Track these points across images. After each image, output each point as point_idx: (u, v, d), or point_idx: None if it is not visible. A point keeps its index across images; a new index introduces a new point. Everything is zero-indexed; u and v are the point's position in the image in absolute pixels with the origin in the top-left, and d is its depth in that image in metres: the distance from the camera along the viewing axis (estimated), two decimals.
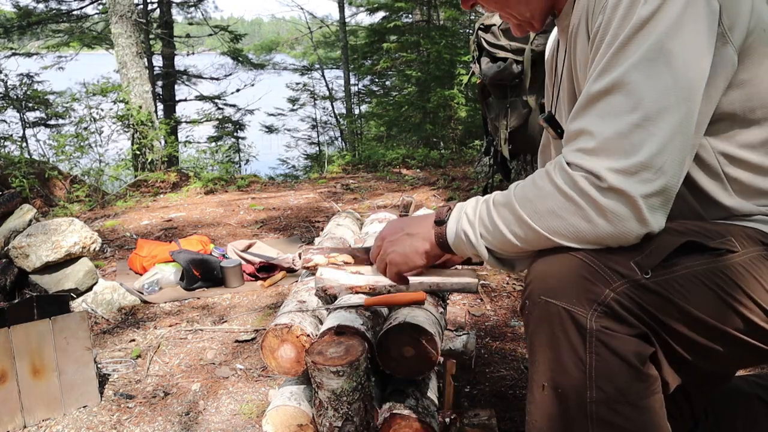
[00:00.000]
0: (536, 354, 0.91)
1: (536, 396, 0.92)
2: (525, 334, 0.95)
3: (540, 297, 0.89)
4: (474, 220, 1.00)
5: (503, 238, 0.95)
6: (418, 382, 1.39)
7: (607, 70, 0.86)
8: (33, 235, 2.47)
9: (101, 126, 6.93)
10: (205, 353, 2.24)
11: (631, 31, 0.84)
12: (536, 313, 0.90)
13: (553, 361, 0.89)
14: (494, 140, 3.58)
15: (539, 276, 0.91)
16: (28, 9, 9.88)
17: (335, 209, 4.41)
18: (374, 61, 10.83)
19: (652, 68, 0.83)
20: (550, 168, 0.91)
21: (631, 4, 0.85)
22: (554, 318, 0.88)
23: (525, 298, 0.93)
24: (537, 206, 0.90)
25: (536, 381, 0.92)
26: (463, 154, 7.63)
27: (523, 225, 0.92)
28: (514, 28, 1.11)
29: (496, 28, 3.28)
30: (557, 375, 0.88)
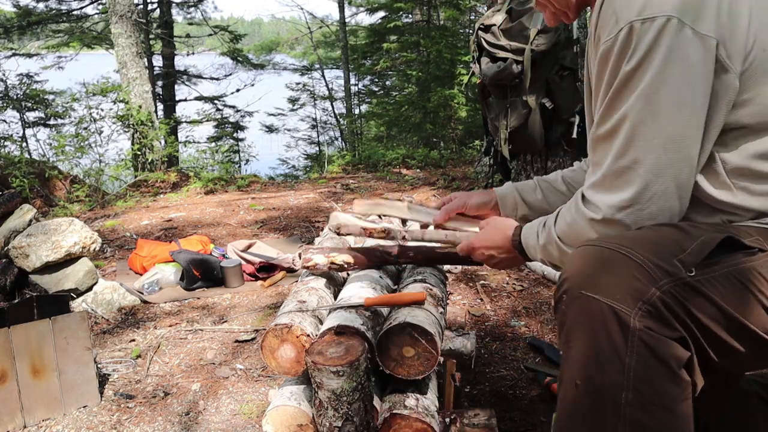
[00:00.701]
0: (571, 350, 0.89)
1: (567, 393, 0.90)
2: (559, 329, 0.93)
3: (581, 292, 0.88)
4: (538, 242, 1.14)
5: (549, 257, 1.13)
6: (418, 382, 1.39)
7: (605, 118, 0.97)
8: (33, 235, 2.47)
9: (101, 126, 6.92)
10: (205, 353, 2.25)
11: (619, 85, 0.93)
12: (576, 308, 0.88)
13: (590, 359, 0.87)
14: (494, 140, 3.58)
15: (580, 270, 0.90)
16: (28, 9, 9.88)
17: (335, 209, 4.41)
18: (374, 61, 10.83)
19: (639, 118, 0.92)
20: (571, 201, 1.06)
21: (617, 60, 0.93)
22: (596, 314, 0.86)
23: (562, 293, 0.91)
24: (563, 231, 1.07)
25: (568, 377, 0.90)
26: (463, 154, 7.63)
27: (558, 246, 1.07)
28: (550, 17, 1.13)
29: (496, 28, 3.28)
30: (593, 373, 0.87)
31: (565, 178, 1.46)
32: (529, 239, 1.16)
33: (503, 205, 1.47)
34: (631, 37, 0.91)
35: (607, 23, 0.95)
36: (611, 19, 0.94)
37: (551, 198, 1.45)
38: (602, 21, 0.96)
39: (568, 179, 1.45)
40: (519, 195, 1.46)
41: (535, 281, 2.80)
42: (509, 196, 1.47)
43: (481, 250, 1.28)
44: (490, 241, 1.26)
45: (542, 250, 1.12)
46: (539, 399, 1.82)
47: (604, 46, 0.95)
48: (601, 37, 0.96)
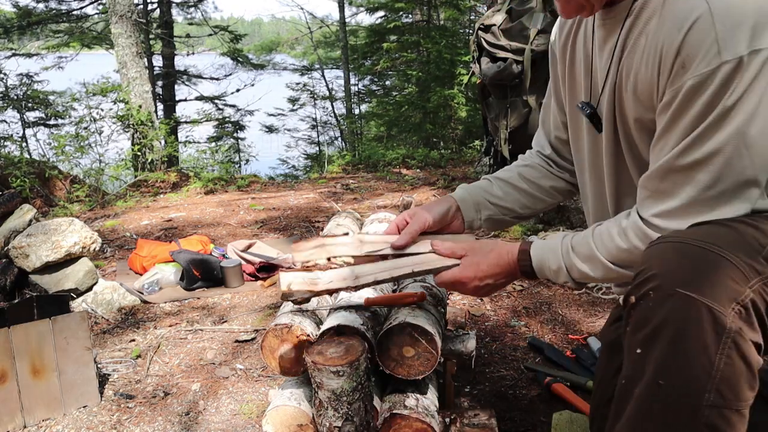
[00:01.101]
0: (655, 348, 0.87)
1: (645, 392, 0.88)
2: (639, 325, 0.90)
3: (676, 289, 0.85)
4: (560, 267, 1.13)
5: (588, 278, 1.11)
6: (418, 382, 1.39)
7: (691, 150, 0.94)
8: (33, 235, 2.47)
9: (101, 126, 6.93)
10: (205, 353, 2.25)
11: (716, 119, 0.91)
12: (669, 306, 0.86)
13: (679, 358, 0.85)
14: (494, 140, 3.58)
15: (674, 267, 0.88)
16: (28, 9, 9.88)
17: (335, 209, 4.41)
18: (374, 61, 10.83)
19: (735, 152, 0.91)
20: (627, 226, 1.04)
21: (716, 94, 0.90)
22: (691, 313, 0.84)
23: (649, 289, 0.88)
24: (618, 257, 1.05)
25: (649, 377, 0.88)
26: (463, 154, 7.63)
27: (606, 269, 1.07)
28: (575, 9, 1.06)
29: (496, 28, 3.28)
30: (679, 373, 0.85)
31: (524, 174, 1.41)
32: (548, 263, 1.14)
33: (465, 209, 1.38)
34: (738, 71, 0.88)
35: (702, 51, 0.90)
36: (711, 48, 0.89)
37: (513, 196, 1.40)
38: (692, 46, 0.91)
39: (527, 176, 1.41)
40: (479, 195, 1.39)
41: (535, 281, 2.80)
42: (469, 199, 1.38)
43: (474, 283, 1.21)
44: (484, 271, 1.20)
45: (567, 273, 1.12)
46: (539, 399, 1.82)
47: (698, 78, 0.90)
48: (690, 65, 0.91)
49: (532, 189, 1.41)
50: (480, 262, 1.20)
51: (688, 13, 0.92)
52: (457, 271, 1.21)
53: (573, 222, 3.38)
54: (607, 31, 1.10)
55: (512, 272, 1.19)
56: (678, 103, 0.94)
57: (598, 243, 1.08)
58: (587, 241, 1.10)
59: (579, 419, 1.60)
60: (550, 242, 1.16)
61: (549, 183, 1.42)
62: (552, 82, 1.36)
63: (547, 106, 1.42)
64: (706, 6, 0.90)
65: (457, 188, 1.43)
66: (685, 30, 0.92)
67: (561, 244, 1.14)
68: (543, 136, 1.45)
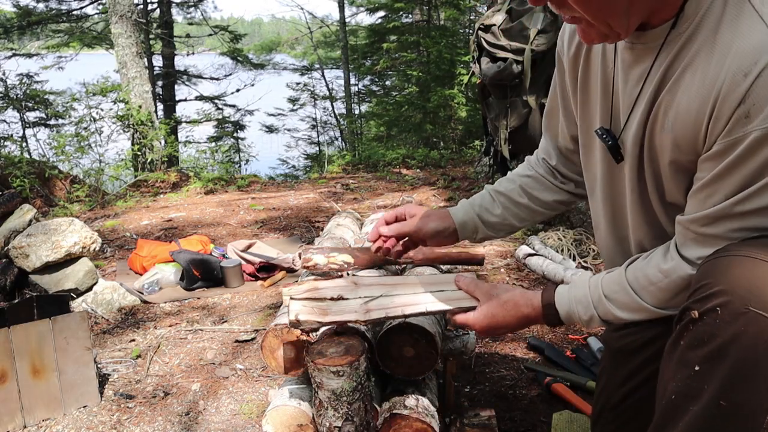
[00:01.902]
0: (720, 368, 0.85)
1: (705, 412, 0.87)
2: (702, 341, 0.87)
3: (747, 308, 0.83)
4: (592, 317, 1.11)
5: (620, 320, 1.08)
6: (418, 382, 1.39)
7: (752, 198, 0.90)
8: (33, 235, 2.47)
9: (101, 126, 6.93)
10: (205, 353, 2.25)
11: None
12: (739, 324, 0.83)
13: (741, 378, 0.83)
14: (494, 140, 3.58)
15: (746, 285, 0.84)
16: (28, 9, 9.88)
17: (335, 209, 4.41)
18: (374, 61, 10.84)
19: None
20: (671, 269, 1.00)
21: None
22: (763, 333, 0.82)
23: (715, 305, 0.86)
24: (665, 300, 1.02)
25: (711, 396, 0.86)
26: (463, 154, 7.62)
27: (653, 313, 1.04)
28: (597, 37, 0.96)
29: (496, 28, 3.28)
30: (740, 393, 0.84)
31: (526, 188, 1.39)
32: (578, 314, 1.12)
33: (462, 232, 1.37)
34: None
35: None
36: None
37: (513, 210, 1.38)
38: (760, 96, 0.84)
39: (527, 188, 1.39)
40: (479, 218, 1.38)
41: (535, 281, 2.80)
42: (469, 223, 1.37)
43: (489, 331, 1.20)
44: (499, 323, 1.18)
45: (600, 320, 1.10)
46: (539, 399, 1.82)
47: (765, 131, 0.84)
48: (757, 116, 0.85)
49: (532, 203, 1.38)
50: (497, 313, 1.18)
51: (756, 57, 0.84)
52: (471, 317, 1.20)
53: (573, 222, 3.39)
54: (636, 55, 1.02)
55: (532, 322, 1.18)
56: (738, 154, 0.88)
57: (639, 290, 1.04)
58: (623, 287, 1.06)
59: (579, 419, 1.60)
60: (576, 291, 1.13)
61: (551, 197, 1.39)
62: (559, 90, 1.29)
63: (552, 113, 1.35)
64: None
65: (459, 204, 1.41)
66: (753, 77, 0.84)
67: (590, 292, 1.11)
68: (549, 144, 1.39)
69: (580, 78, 1.18)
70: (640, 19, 0.94)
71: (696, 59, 0.92)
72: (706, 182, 0.94)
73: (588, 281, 1.12)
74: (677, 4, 0.92)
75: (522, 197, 1.38)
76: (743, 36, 0.86)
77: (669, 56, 0.95)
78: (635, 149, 1.07)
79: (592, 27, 0.94)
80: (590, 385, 1.82)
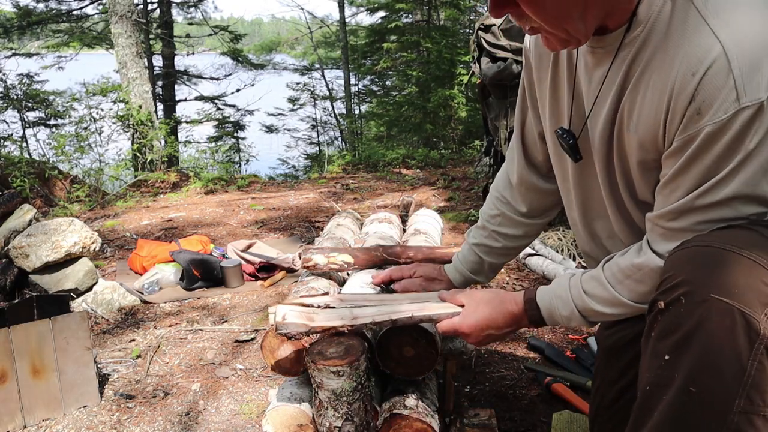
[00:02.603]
0: (687, 355, 0.86)
1: (675, 399, 0.88)
2: (668, 332, 0.89)
3: (710, 295, 0.84)
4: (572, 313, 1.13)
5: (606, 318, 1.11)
6: (418, 382, 1.39)
7: (711, 191, 0.93)
8: (33, 235, 2.47)
9: (101, 126, 6.93)
10: (205, 353, 2.24)
11: (738, 163, 0.89)
12: (702, 312, 0.85)
13: (711, 364, 0.85)
14: (494, 140, 3.58)
15: (707, 273, 0.87)
16: (28, 9, 9.88)
17: (335, 209, 4.41)
18: (374, 61, 10.84)
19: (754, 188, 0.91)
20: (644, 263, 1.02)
21: (736, 139, 0.88)
22: (725, 319, 0.83)
23: (680, 294, 0.87)
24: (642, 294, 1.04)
25: (680, 384, 0.87)
26: (463, 154, 7.63)
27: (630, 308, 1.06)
28: (558, 43, 1.00)
29: (496, 28, 3.28)
30: (708, 378, 0.85)
31: (497, 230, 1.45)
32: (558, 310, 1.14)
33: (462, 286, 1.49)
34: (758, 116, 0.86)
35: (719, 97, 0.87)
36: (729, 95, 0.86)
37: (498, 256, 1.47)
38: (708, 92, 0.88)
39: (499, 230, 1.45)
40: (473, 273, 1.48)
41: (535, 281, 2.80)
42: (464, 282, 1.49)
43: (475, 332, 1.20)
44: (486, 322, 1.19)
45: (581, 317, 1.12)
46: (539, 399, 1.82)
47: (716, 126, 0.88)
48: (707, 112, 0.89)
49: (509, 242, 1.45)
50: (481, 311, 1.20)
51: (702, 56, 0.88)
52: (457, 320, 1.21)
53: None
54: (597, 59, 1.06)
55: (517, 322, 1.19)
56: (694, 149, 0.92)
57: (616, 284, 1.07)
58: (601, 282, 1.08)
59: (579, 419, 1.61)
60: (556, 287, 1.15)
61: (525, 230, 1.45)
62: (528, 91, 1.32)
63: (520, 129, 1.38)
64: (720, 48, 0.87)
65: (449, 266, 1.51)
66: (700, 75, 0.88)
67: (569, 288, 1.13)
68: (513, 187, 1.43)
69: (550, 80, 1.21)
70: (595, 23, 0.98)
71: (652, 62, 0.96)
72: (668, 179, 0.98)
73: (569, 279, 1.15)
74: (630, 8, 0.96)
75: (497, 241, 1.46)
76: (689, 39, 0.90)
77: (627, 59, 0.99)
78: (603, 148, 1.10)
79: (552, 35, 0.98)
80: (590, 385, 1.82)
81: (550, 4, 0.93)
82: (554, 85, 1.20)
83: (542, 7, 0.93)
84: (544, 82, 1.23)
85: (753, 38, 0.87)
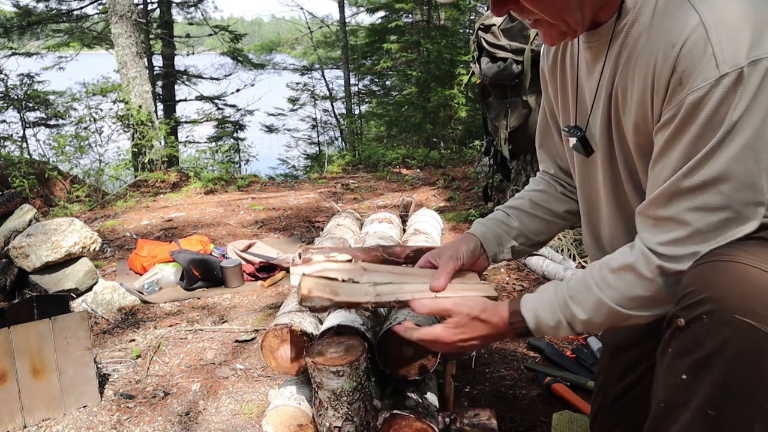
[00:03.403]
0: (707, 376, 0.84)
1: (692, 421, 0.86)
2: (688, 349, 0.86)
3: (735, 316, 0.81)
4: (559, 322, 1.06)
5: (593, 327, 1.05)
6: (418, 382, 1.39)
7: (697, 170, 0.89)
8: (33, 235, 2.47)
9: (101, 126, 6.93)
10: (205, 353, 2.24)
11: (722, 136, 0.86)
12: (725, 333, 0.82)
13: (729, 388, 0.83)
14: (494, 140, 3.58)
15: (733, 292, 0.83)
16: (28, 9, 9.88)
17: (335, 209, 4.41)
18: (374, 61, 10.83)
19: (744, 170, 0.87)
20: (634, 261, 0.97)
21: (717, 109, 0.86)
22: (750, 342, 0.81)
23: (701, 313, 0.84)
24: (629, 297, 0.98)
25: (698, 405, 0.85)
26: (463, 154, 7.63)
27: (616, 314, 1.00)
28: (557, 36, 1.01)
29: (496, 28, 3.28)
30: (728, 402, 0.83)
31: (535, 200, 1.38)
32: (545, 320, 1.07)
33: (488, 245, 1.34)
34: (739, 84, 0.84)
35: (699, 65, 0.86)
36: (709, 62, 0.85)
37: (527, 223, 1.37)
38: (688, 61, 0.87)
39: (539, 202, 1.38)
40: (499, 229, 1.35)
41: (535, 281, 2.80)
42: (489, 235, 1.35)
43: (458, 344, 1.14)
44: (469, 334, 1.13)
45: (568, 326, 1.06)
46: (539, 399, 1.82)
47: (698, 93, 0.86)
48: (688, 78, 0.87)
49: (545, 215, 1.37)
50: (465, 323, 1.13)
51: (681, 28, 0.89)
52: (439, 329, 1.15)
53: None
54: (593, 53, 1.07)
55: (502, 333, 1.13)
56: (678, 121, 0.90)
57: (604, 287, 1.00)
58: (587, 285, 1.02)
59: (579, 419, 1.60)
60: (542, 296, 1.10)
61: (562, 207, 1.38)
62: (546, 104, 1.32)
63: (544, 129, 1.37)
64: (698, 19, 0.87)
65: (473, 224, 1.39)
66: (680, 45, 0.88)
67: (555, 294, 1.07)
68: (547, 158, 1.40)
69: (560, 87, 1.23)
70: (591, 12, 0.99)
71: (638, 43, 0.97)
72: (656, 156, 0.96)
73: (555, 286, 1.09)
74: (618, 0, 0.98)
75: (534, 209, 1.37)
76: (671, 15, 0.92)
77: (617, 46, 1.01)
78: (603, 139, 1.10)
79: (552, 27, 1.00)
80: (590, 385, 1.82)
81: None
82: (563, 88, 1.22)
83: (541, 0, 0.95)
84: (555, 90, 1.25)
85: (732, 11, 0.86)
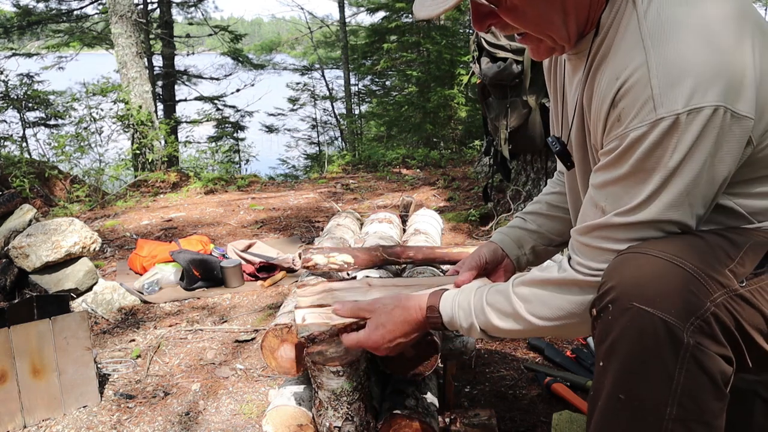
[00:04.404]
0: (614, 362, 0.87)
1: (608, 406, 0.88)
2: (600, 338, 0.90)
3: (632, 303, 0.84)
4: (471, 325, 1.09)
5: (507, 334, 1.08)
6: (418, 382, 1.39)
7: (635, 212, 0.90)
8: (33, 235, 2.47)
9: (101, 126, 6.94)
10: (205, 353, 2.25)
11: (660, 181, 0.87)
12: (625, 320, 0.85)
13: (637, 373, 0.85)
14: (494, 140, 3.58)
15: (632, 281, 0.86)
16: (28, 9, 9.89)
17: (335, 209, 4.41)
18: (374, 61, 10.83)
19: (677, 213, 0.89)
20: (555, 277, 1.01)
21: (651, 151, 0.86)
22: (647, 328, 0.83)
23: (608, 302, 0.88)
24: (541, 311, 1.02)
25: (610, 390, 0.88)
26: (463, 154, 7.63)
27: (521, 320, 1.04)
28: (545, 51, 1.03)
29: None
30: (637, 387, 0.85)
31: (552, 203, 1.39)
32: (459, 320, 1.10)
33: (509, 249, 1.37)
34: (675, 130, 0.84)
35: (638, 103, 0.86)
36: (647, 104, 0.85)
37: (547, 224, 1.39)
38: (630, 96, 0.88)
39: (556, 203, 1.39)
40: (518, 233, 1.39)
41: None
42: (508, 239, 1.38)
43: (384, 345, 1.14)
44: (392, 332, 1.13)
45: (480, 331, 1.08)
46: (539, 399, 1.82)
47: (635, 133, 0.86)
48: (626, 117, 0.88)
49: (564, 214, 1.37)
50: (385, 322, 1.14)
51: (627, 64, 0.89)
52: (362, 335, 1.14)
53: None
54: (572, 65, 1.09)
55: (421, 324, 1.14)
56: (617, 155, 0.91)
57: (522, 300, 1.03)
58: (507, 295, 1.05)
59: (579, 419, 1.60)
60: (461, 296, 1.11)
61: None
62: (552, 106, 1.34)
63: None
64: (644, 58, 0.86)
65: (493, 234, 1.41)
66: (621, 82, 0.89)
67: (473, 300, 1.09)
68: None
69: (551, 91, 1.24)
70: (577, 27, 0.99)
71: (601, 64, 0.98)
72: (593, 179, 0.97)
73: (476, 289, 1.11)
74: (598, 14, 0.98)
75: (552, 210, 1.39)
76: (624, 48, 0.91)
77: (590, 62, 1.01)
78: (579, 154, 1.11)
79: (540, 42, 1.01)
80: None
81: (531, 12, 0.94)
82: (554, 95, 1.23)
83: (523, 16, 0.95)
84: (551, 93, 1.26)
85: (678, 57, 0.85)
